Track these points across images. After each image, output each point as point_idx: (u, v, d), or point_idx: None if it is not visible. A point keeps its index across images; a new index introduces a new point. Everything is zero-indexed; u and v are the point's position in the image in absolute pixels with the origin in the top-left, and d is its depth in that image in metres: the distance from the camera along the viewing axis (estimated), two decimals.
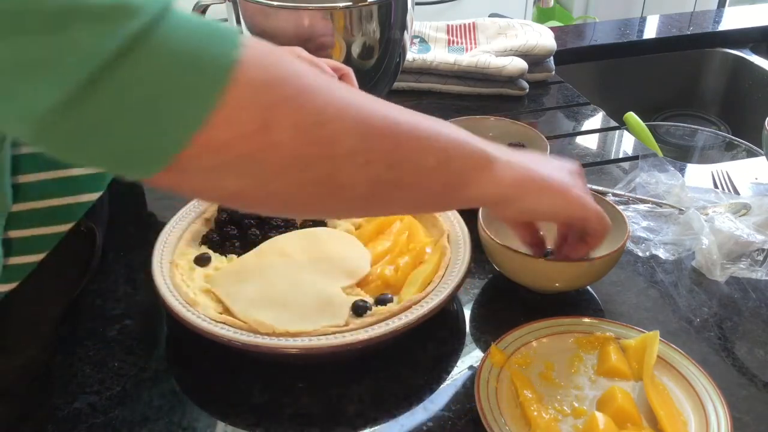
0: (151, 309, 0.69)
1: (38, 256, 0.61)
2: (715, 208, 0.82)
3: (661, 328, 0.62)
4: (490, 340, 0.62)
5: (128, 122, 0.37)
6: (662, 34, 1.42)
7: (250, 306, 0.62)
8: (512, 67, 1.10)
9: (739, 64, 1.38)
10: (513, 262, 0.68)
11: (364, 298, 0.65)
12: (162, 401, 0.60)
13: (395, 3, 0.87)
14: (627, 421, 0.55)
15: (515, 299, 0.71)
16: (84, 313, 0.68)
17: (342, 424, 0.58)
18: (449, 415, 0.59)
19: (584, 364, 0.61)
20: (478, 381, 0.57)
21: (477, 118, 0.93)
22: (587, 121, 1.09)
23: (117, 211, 0.78)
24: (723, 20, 1.46)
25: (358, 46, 0.87)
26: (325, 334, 0.59)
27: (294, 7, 0.84)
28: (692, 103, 1.44)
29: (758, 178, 0.93)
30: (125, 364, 0.63)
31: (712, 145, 1.26)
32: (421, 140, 0.49)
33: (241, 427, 0.58)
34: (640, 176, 0.88)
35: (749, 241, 0.74)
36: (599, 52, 1.36)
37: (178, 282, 0.64)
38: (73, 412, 0.58)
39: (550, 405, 0.57)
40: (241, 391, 0.60)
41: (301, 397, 0.60)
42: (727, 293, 0.72)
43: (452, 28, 1.25)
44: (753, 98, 1.34)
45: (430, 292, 0.63)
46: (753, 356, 0.65)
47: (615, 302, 0.71)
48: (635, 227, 0.79)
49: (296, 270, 0.67)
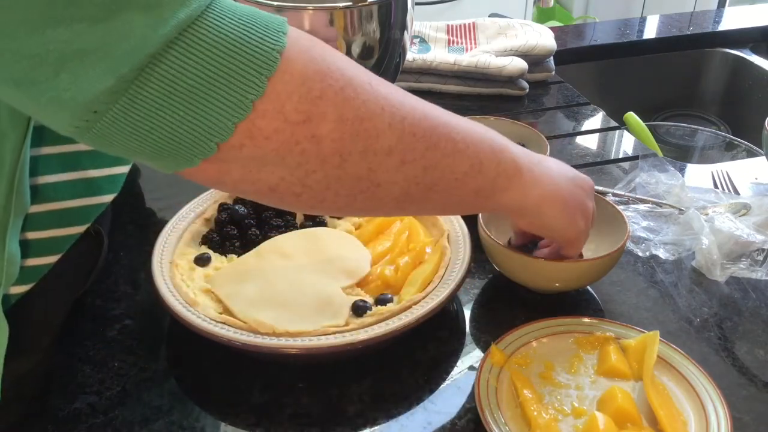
0: (151, 309, 0.69)
1: (54, 258, 0.60)
2: (715, 208, 0.82)
3: (661, 328, 0.62)
4: (490, 340, 0.62)
5: (176, 109, 0.38)
6: (662, 34, 1.42)
7: (250, 306, 0.62)
8: (512, 67, 1.10)
9: (739, 64, 1.38)
10: (513, 262, 0.68)
11: (364, 298, 0.65)
12: (162, 401, 0.60)
13: (395, 3, 0.87)
14: (627, 421, 0.55)
15: (515, 299, 0.71)
16: (84, 313, 0.68)
17: (342, 424, 0.58)
18: (449, 415, 0.59)
19: (584, 364, 0.61)
20: (478, 381, 0.57)
21: (477, 118, 0.93)
22: (587, 121, 1.09)
23: (117, 212, 0.78)
24: (723, 20, 1.46)
25: (358, 46, 0.87)
26: (325, 334, 0.59)
27: (294, 7, 0.84)
28: (692, 103, 1.44)
29: (758, 178, 0.93)
30: (125, 364, 0.63)
31: (712, 145, 1.26)
32: (457, 143, 0.49)
33: (241, 427, 0.58)
34: (640, 176, 0.88)
35: (749, 241, 0.74)
36: (599, 52, 1.36)
37: (178, 282, 0.64)
38: (73, 412, 0.58)
39: (550, 405, 0.57)
40: (241, 391, 0.60)
41: (301, 397, 0.60)
42: (727, 293, 0.72)
43: (452, 28, 1.25)
44: (753, 98, 1.34)
45: (430, 292, 0.63)
46: (753, 356, 0.65)
47: (615, 302, 0.71)
48: (635, 227, 0.79)
49: (296, 270, 0.67)
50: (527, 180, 0.55)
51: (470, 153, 0.50)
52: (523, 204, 0.56)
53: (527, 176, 0.55)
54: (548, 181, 0.57)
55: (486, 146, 0.52)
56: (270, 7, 0.84)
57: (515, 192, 0.54)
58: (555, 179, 0.58)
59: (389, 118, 0.44)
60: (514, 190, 0.54)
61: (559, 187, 0.58)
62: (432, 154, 0.47)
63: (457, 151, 0.49)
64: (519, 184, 0.54)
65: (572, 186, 0.60)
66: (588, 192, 0.63)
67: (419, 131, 0.46)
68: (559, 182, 0.59)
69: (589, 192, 0.64)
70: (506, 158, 0.53)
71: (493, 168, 0.52)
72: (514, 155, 0.54)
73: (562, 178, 0.60)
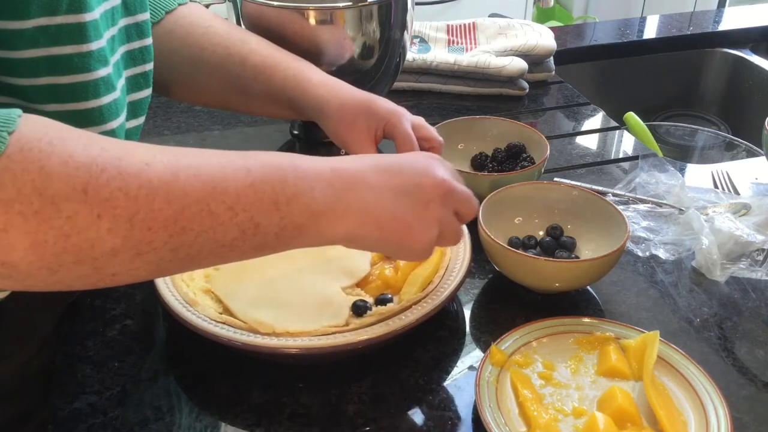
0: (151, 309, 0.69)
1: None
2: (715, 208, 0.82)
3: (661, 328, 0.62)
4: (490, 340, 0.62)
5: None
6: (662, 34, 1.42)
7: (250, 306, 0.62)
8: (512, 67, 1.10)
9: (739, 64, 1.38)
10: (513, 262, 0.69)
11: (364, 298, 0.65)
12: (162, 401, 0.60)
13: (395, 3, 0.87)
14: (627, 421, 0.55)
15: (515, 299, 0.71)
16: (84, 313, 0.68)
17: (342, 424, 0.58)
18: (449, 415, 0.59)
19: (584, 364, 0.61)
20: (478, 381, 0.57)
21: (477, 118, 0.93)
22: (587, 121, 1.09)
23: None
24: (723, 20, 1.46)
25: (358, 46, 0.88)
26: (326, 334, 0.59)
27: (294, 7, 0.84)
28: (692, 103, 1.44)
29: (758, 178, 0.93)
30: (125, 364, 0.63)
31: (712, 145, 1.27)
32: (218, 216, 0.45)
33: (241, 427, 0.58)
34: (640, 176, 0.88)
35: (749, 241, 0.74)
36: (599, 52, 1.36)
37: (178, 282, 0.64)
38: (73, 412, 0.58)
39: (550, 405, 0.57)
40: (241, 391, 0.60)
41: (301, 397, 0.60)
42: (727, 293, 0.72)
43: (452, 28, 1.25)
44: (753, 98, 1.34)
45: (430, 292, 0.63)
46: (753, 356, 0.65)
47: (615, 302, 0.71)
48: (635, 227, 0.79)
49: (296, 270, 0.67)
50: (326, 221, 0.50)
51: (239, 220, 0.46)
52: (330, 240, 0.51)
53: (327, 217, 0.50)
54: (358, 207, 0.51)
55: (266, 204, 0.47)
56: (271, 7, 0.84)
57: (311, 236, 0.50)
58: (371, 205, 0.51)
59: (109, 223, 0.41)
60: (308, 235, 0.50)
61: (375, 212, 0.52)
62: (181, 238, 0.44)
63: (219, 224, 0.45)
64: (314, 228, 0.49)
65: (398, 203, 0.52)
66: (431, 194, 0.54)
67: (157, 223, 0.42)
68: (378, 204, 0.52)
69: (433, 192, 0.54)
70: (295, 209, 0.48)
71: (274, 224, 0.47)
72: (308, 201, 0.49)
73: (384, 196, 0.52)
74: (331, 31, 0.86)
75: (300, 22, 0.84)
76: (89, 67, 0.54)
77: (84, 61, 0.53)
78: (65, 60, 0.52)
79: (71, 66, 0.53)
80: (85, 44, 0.53)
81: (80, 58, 0.53)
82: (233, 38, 0.77)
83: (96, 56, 0.54)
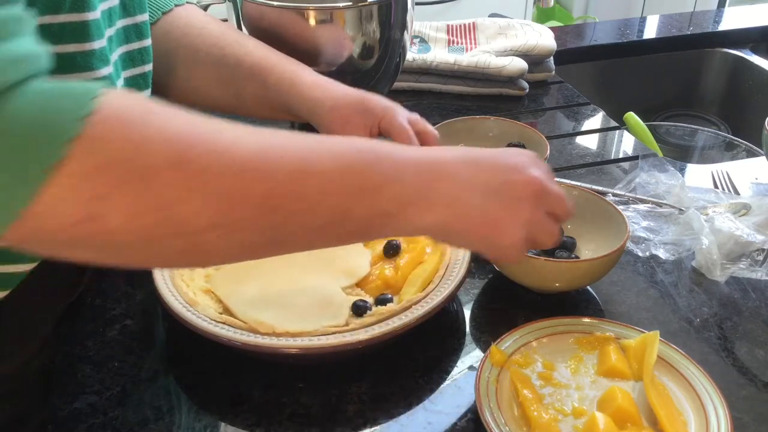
0: (151, 309, 0.69)
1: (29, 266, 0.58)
2: (715, 208, 0.82)
3: (661, 328, 0.62)
4: (490, 340, 0.62)
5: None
6: (662, 34, 1.42)
7: (250, 306, 0.62)
8: (512, 67, 1.10)
9: (739, 64, 1.38)
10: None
11: (364, 298, 0.65)
12: (162, 401, 0.60)
13: (395, 3, 0.87)
14: (627, 421, 0.55)
15: (515, 299, 0.71)
16: (84, 313, 0.68)
17: (342, 424, 0.58)
18: (449, 415, 0.59)
19: (584, 364, 0.61)
20: (478, 381, 0.57)
21: (477, 118, 0.93)
22: (587, 121, 1.09)
23: None
24: (723, 20, 1.46)
25: (358, 46, 0.88)
26: (326, 334, 0.59)
27: (294, 7, 0.84)
28: (692, 103, 1.44)
29: (758, 178, 0.93)
30: (125, 364, 0.63)
31: (712, 145, 1.26)
32: (307, 198, 0.44)
33: (241, 427, 0.58)
34: (640, 176, 0.88)
35: (749, 241, 0.74)
36: (599, 52, 1.36)
37: (178, 282, 0.64)
38: (73, 412, 0.58)
39: (550, 405, 0.57)
40: (241, 391, 0.60)
41: (301, 396, 0.60)
42: (727, 293, 0.72)
43: (452, 28, 1.25)
44: (753, 98, 1.34)
45: (430, 292, 0.63)
46: (753, 356, 0.65)
47: (615, 302, 0.71)
48: (635, 227, 0.79)
49: (296, 270, 0.67)
50: (414, 210, 0.48)
51: (329, 204, 0.45)
52: (420, 230, 0.50)
53: (416, 206, 0.48)
54: (447, 199, 0.49)
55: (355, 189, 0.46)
56: (271, 7, 0.84)
57: (401, 225, 0.49)
58: (459, 198, 0.50)
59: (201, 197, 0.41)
60: (398, 224, 0.49)
61: (463, 205, 0.50)
62: (268, 219, 0.43)
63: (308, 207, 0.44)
64: (403, 216, 0.48)
65: (486, 199, 0.51)
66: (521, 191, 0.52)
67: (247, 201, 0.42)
68: (466, 197, 0.50)
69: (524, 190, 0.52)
70: (384, 196, 0.47)
71: (364, 210, 0.47)
72: (397, 189, 0.47)
73: (473, 189, 0.51)
74: (331, 31, 0.86)
75: (300, 22, 0.84)
76: (92, 66, 0.54)
77: (87, 60, 0.53)
78: (68, 59, 0.52)
79: (74, 65, 0.53)
80: (88, 43, 0.53)
81: (83, 57, 0.53)
82: (228, 39, 0.77)
83: (98, 55, 0.54)
